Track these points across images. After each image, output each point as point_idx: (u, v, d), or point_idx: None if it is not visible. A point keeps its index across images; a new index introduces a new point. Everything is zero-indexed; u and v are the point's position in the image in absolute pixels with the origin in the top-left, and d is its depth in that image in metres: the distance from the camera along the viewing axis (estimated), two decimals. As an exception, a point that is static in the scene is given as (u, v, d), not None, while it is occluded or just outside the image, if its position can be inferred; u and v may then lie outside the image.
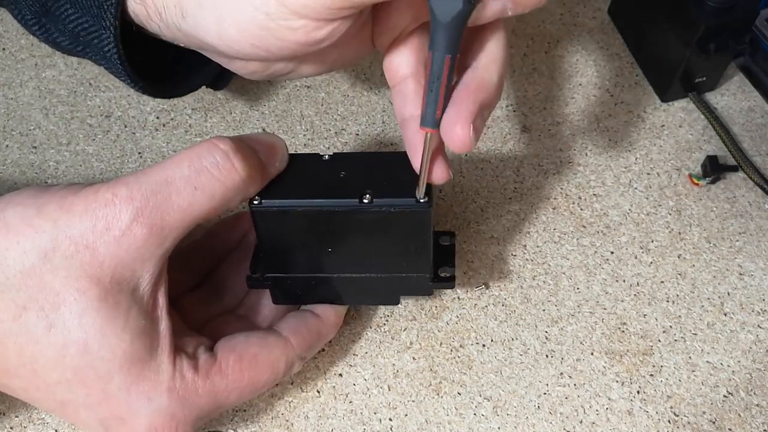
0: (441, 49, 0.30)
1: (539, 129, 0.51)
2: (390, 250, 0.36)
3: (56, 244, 0.31)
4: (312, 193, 0.35)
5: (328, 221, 0.35)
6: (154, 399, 0.33)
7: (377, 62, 0.54)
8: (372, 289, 0.39)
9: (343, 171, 0.35)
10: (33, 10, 0.38)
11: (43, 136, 0.51)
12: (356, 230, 0.36)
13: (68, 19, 0.36)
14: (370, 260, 0.37)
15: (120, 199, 0.31)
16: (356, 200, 0.34)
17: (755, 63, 0.53)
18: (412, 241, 0.36)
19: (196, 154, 0.32)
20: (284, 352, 0.37)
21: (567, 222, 0.47)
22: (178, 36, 0.34)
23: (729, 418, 0.40)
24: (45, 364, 0.32)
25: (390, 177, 0.35)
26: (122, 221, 0.31)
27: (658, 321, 0.43)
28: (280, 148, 0.35)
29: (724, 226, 0.47)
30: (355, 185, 0.35)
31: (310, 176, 0.36)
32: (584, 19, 0.57)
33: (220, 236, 0.42)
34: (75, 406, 0.33)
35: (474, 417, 0.40)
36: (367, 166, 0.36)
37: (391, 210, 0.34)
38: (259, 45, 0.32)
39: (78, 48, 0.38)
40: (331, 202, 0.34)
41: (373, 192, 0.34)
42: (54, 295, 0.31)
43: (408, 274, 0.38)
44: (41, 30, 0.38)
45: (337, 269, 0.38)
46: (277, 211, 0.35)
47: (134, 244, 0.31)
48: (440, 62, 0.30)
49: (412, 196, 0.34)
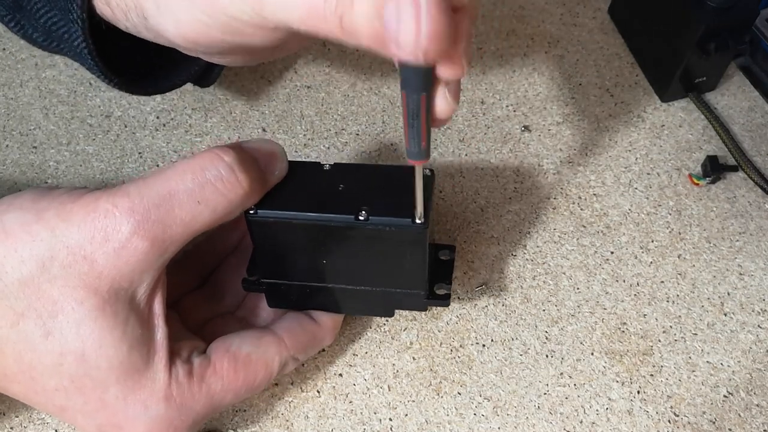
0: (415, 90, 0.28)
1: (539, 129, 0.51)
2: (385, 265, 0.36)
3: (54, 253, 0.31)
4: (308, 205, 0.34)
5: (323, 234, 0.35)
6: (150, 407, 0.33)
7: (377, 62, 0.54)
8: (366, 301, 0.39)
9: (342, 183, 0.35)
10: (6, 5, 0.37)
11: (43, 136, 0.51)
12: (351, 245, 0.35)
13: (38, 14, 0.36)
14: (364, 274, 0.37)
15: (120, 211, 0.31)
16: (352, 216, 0.34)
17: (755, 63, 0.53)
18: (408, 259, 0.36)
19: (200, 166, 0.32)
20: (278, 351, 0.36)
21: (567, 222, 0.47)
22: (148, 36, 0.34)
23: (729, 418, 0.40)
24: (43, 371, 0.32)
25: (389, 193, 0.35)
26: (122, 233, 0.31)
27: (658, 321, 0.43)
28: (279, 157, 0.35)
29: (724, 226, 0.47)
30: (352, 200, 0.34)
31: (309, 187, 0.35)
32: (584, 19, 0.57)
33: (221, 238, 0.42)
34: (73, 413, 0.33)
35: (474, 417, 0.40)
36: (366, 180, 0.36)
37: (387, 229, 0.34)
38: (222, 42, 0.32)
39: (53, 44, 0.37)
40: (327, 217, 0.34)
41: (369, 209, 0.34)
42: (52, 304, 0.31)
43: (403, 289, 0.38)
44: (17, 26, 0.38)
45: (332, 280, 0.38)
46: (272, 222, 0.35)
47: (134, 256, 0.31)
48: (416, 101, 0.29)
49: (409, 216, 0.34)
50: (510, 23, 0.56)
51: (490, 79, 0.53)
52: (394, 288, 0.37)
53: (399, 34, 0.25)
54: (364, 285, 0.38)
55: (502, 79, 0.53)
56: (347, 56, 0.54)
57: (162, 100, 0.52)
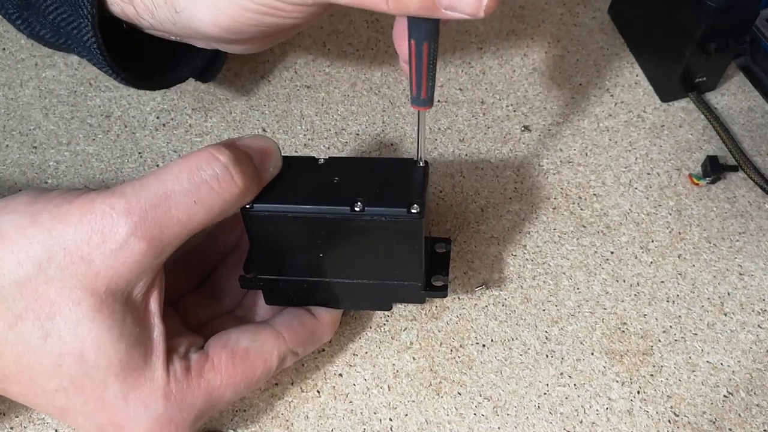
0: (420, 38, 0.31)
1: (539, 129, 0.51)
2: (382, 257, 0.36)
3: (51, 254, 0.31)
4: (304, 198, 0.35)
5: (319, 227, 0.35)
6: (150, 406, 0.33)
7: (377, 62, 0.54)
8: (364, 295, 0.39)
9: (337, 176, 0.36)
10: (15, 3, 0.38)
11: (43, 136, 0.51)
12: (348, 237, 0.36)
13: (48, 10, 0.36)
14: (361, 266, 0.37)
15: (117, 212, 0.31)
16: (347, 208, 0.34)
17: (755, 63, 0.53)
18: (404, 250, 0.36)
19: (195, 166, 0.32)
20: (276, 345, 0.36)
21: (567, 222, 0.47)
22: (172, 30, 0.34)
23: (729, 418, 0.40)
24: (42, 372, 0.32)
25: (384, 184, 0.35)
26: (119, 234, 0.31)
27: (658, 321, 0.43)
28: (273, 153, 0.35)
29: (724, 226, 0.47)
30: (347, 192, 0.35)
31: (304, 180, 0.36)
32: (584, 19, 0.57)
33: (220, 237, 0.42)
34: (73, 413, 0.33)
35: (474, 417, 0.40)
36: (362, 172, 0.36)
37: (383, 219, 0.34)
38: (257, 24, 0.32)
39: (60, 41, 0.38)
40: (323, 209, 0.34)
41: (365, 200, 0.34)
42: (49, 306, 0.31)
43: (400, 281, 0.38)
44: (24, 24, 0.38)
45: (329, 274, 0.38)
46: (268, 216, 0.35)
47: (131, 257, 0.31)
48: (420, 49, 0.31)
49: (405, 206, 0.34)
50: (510, 23, 0.56)
51: (490, 79, 0.53)
52: (392, 281, 0.38)
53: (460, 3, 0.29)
54: (362, 278, 0.38)
55: (502, 79, 0.53)
56: (347, 56, 0.55)
57: (162, 100, 0.52)
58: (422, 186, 0.35)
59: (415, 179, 0.36)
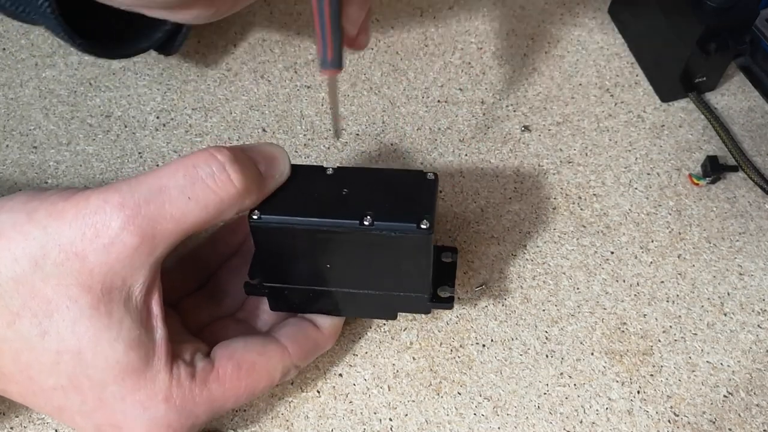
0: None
1: (539, 129, 0.51)
2: (389, 269, 0.36)
3: (46, 251, 0.30)
4: (312, 210, 0.34)
5: (327, 239, 0.35)
6: (150, 408, 0.33)
7: (377, 62, 0.54)
8: (369, 304, 0.39)
9: (345, 188, 0.35)
10: None
11: (43, 136, 0.51)
12: (355, 249, 0.35)
13: None
14: (368, 277, 0.37)
15: (110, 206, 0.30)
16: (357, 222, 0.34)
17: (755, 63, 0.53)
18: (412, 263, 0.36)
19: (192, 163, 0.32)
20: (281, 360, 0.36)
21: (567, 222, 0.47)
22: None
23: (729, 418, 0.40)
24: (40, 370, 0.32)
25: (393, 197, 0.35)
26: (111, 228, 0.30)
27: (658, 321, 0.43)
28: (281, 160, 0.35)
29: (724, 226, 0.47)
30: (356, 205, 0.34)
31: (312, 191, 0.35)
32: (584, 19, 0.57)
33: (223, 240, 0.42)
34: (71, 413, 0.33)
35: (474, 417, 0.40)
36: (370, 184, 0.36)
37: (392, 234, 0.34)
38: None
39: (20, 9, 0.37)
40: (331, 222, 0.34)
41: (374, 214, 0.34)
42: (46, 303, 0.31)
43: (406, 293, 0.37)
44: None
45: (335, 284, 0.37)
46: (276, 227, 0.34)
47: (124, 252, 0.31)
48: (322, 4, 0.31)
49: (415, 221, 0.33)
50: (510, 23, 0.56)
51: (490, 79, 0.53)
52: (398, 291, 0.37)
53: None
54: (368, 289, 0.37)
55: (502, 79, 0.53)
56: (347, 56, 0.54)
57: (162, 100, 0.52)
58: (432, 200, 0.35)
59: (425, 192, 0.35)
